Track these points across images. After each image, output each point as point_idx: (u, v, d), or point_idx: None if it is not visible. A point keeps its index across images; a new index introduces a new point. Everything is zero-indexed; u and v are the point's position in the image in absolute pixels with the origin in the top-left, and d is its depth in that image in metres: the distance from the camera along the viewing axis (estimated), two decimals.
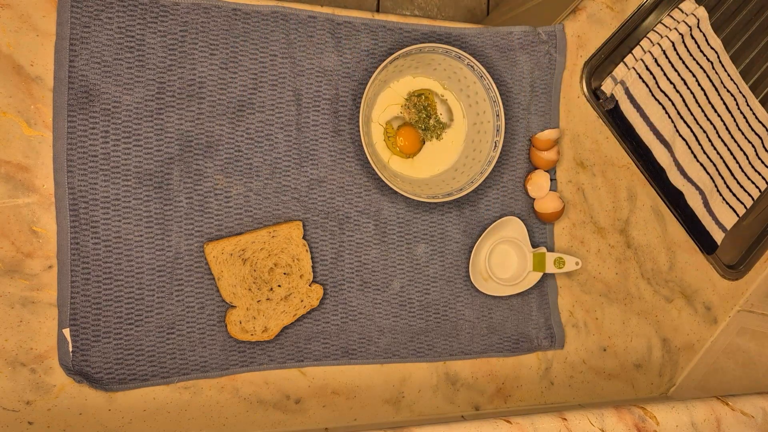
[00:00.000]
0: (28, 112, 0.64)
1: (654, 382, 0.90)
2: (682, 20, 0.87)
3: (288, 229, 0.71)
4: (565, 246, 0.84)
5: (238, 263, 0.69)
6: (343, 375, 0.75)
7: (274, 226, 0.71)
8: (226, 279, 0.68)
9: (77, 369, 0.65)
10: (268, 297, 0.70)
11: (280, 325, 0.71)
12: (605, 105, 0.86)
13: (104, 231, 0.66)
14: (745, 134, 0.93)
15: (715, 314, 0.93)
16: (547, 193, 0.80)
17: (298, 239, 0.71)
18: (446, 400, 0.78)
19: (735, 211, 0.94)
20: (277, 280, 0.70)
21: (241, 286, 0.69)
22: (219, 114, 0.70)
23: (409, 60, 0.74)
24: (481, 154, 0.76)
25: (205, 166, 0.70)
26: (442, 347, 0.78)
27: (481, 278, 0.79)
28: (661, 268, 0.90)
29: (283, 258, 0.70)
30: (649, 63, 0.85)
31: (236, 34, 0.70)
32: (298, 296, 0.71)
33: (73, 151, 0.65)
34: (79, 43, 0.65)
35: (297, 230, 0.71)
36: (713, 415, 0.64)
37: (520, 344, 0.81)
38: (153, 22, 0.67)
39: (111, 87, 0.66)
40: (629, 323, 0.88)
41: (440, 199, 0.73)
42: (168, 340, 0.68)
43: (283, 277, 0.71)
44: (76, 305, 0.65)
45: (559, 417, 0.60)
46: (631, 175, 0.88)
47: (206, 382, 0.70)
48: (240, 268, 0.69)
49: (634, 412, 0.62)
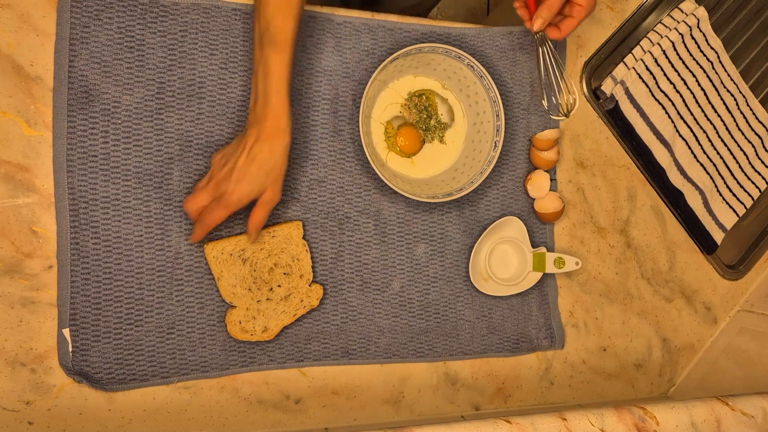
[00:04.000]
0: (28, 112, 0.64)
1: (654, 382, 0.90)
2: (682, 20, 0.87)
3: (288, 229, 0.71)
4: (565, 246, 0.84)
5: (238, 263, 0.69)
6: (343, 375, 0.75)
7: (273, 226, 0.71)
8: (225, 279, 0.68)
9: (77, 369, 0.65)
10: (268, 297, 0.70)
11: (280, 325, 0.71)
12: (605, 105, 0.86)
13: (104, 231, 0.66)
14: (745, 134, 0.93)
15: (715, 314, 0.93)
16: (547, 193, 0.80)
17: (298, 239, 0.71)
18: (446, 400, 0.78)
19: (735, 211, 0.94)
20: (277, 280, 0.70)
21: (241, 286, 0.69)
22: (219, 114, 0.70)
23: (409, 60, 0.74)
24: (481, 154, 0.76)
25: (205, 166, 0.70)
26: (442, 347, 0.78)
27: (481, 278, 0.79)
28: (661, 268, 0.90)
29: (283, 258, 0.70)
30: (649, 63, 0.85)
31: (236, 34, 0.70)
32: (298, 296, 0.71)
33: (73, 151, 0.65)
34: (79, 43, 0.65)
35: (297, 230, 0.71)
36: (713, 415, 0.64)
37: (520, 344, 0.81)
38: (153, 22, 0.67)
39: (111, 87, 0.66)
40: (629, 323, 0.88)
41: (440, 199, 0.73)
42: (168, 340, 0.68)
43: (283, 277, 0.71)
44: (76, 305, 0.65)
45: (559, 417, 0.60)
46: (631, 175, 0.88)
47: (206, 382, 0.70)
48: (240, 268, 0.69)
49: (634, 412, 0.62)
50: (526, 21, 0.70)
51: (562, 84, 0.74)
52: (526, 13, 0.70)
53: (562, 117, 0.74)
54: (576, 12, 0.68)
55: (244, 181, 0.61)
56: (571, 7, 0.69)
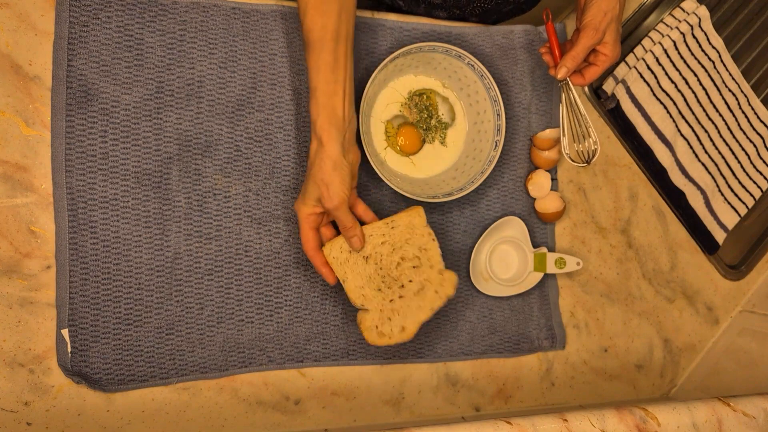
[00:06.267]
0: (27, 112, 0.64)
1: (655, 383, 0.90)
2: (683, 19, 0.86)
3: (408, 218, 0.66)
4: (566, 246, 0.84)
5: (360, 262, 0.64)
6: (342, 376, 0.74)
7: (392, 216, 0.66)
8: (351, 281, 0.64)
9: (76, 370, 0.64)
10: (401, 295, 0.65)
11: (417, 323, 0.65)
12: (606, 104, 0.86)
13: (103, 231, 0.66)
14: (746, 134, 0.93)
15: (717, 315, 0.93)
16: (548, 192, 0.80)
17: (421, 227, 0.66)
18: (446, 401, 0.78)
19: (737, 211, 0.93)
20: (407, 275, 0.65)
21: (369, 287, 0.64)
22: (218, 113, 0.70)
23: (409, 59, 0.73)
24: (482, 153, 0.76)
25: (204, 166, 0.69)
26: (443, 348, 0.78)
27: (481, 278, 0.79)
28: (662, 268, 0.89)
29: (408, 250, 0.65)
30: (650, 62, 0.85)
31: (235, 33, 0.70)
32: (431, 288, 0.66)
33: (72, 150, 0.65)
34: (78, 43, 0.65)
35: (419, 218, 0.66)
36: (715, 416, 0.64)
37: (520, 345, 0.81)
38: (152, 21, 0.67)
39: (109, 86, 0.66)
40: (630, 324, 0.87)
41: (440, 199, 0.72)
42: (167, 340, 0.68)
43: (413, 271, 0.66)
44: (74, 306, 0.64)
45: (560, 418, 0.60)
46: (633, 175, 0.87)
47: (205, 383, 0.69)
48: (364, 267, 0.64)
49: (636, 412, 0.62)
50: (551, 68, 0.70)
51: (584, 131, 0.74)
52: (551, 60, 0.70)
53: (584, 164, 0.74)
54: (600, 61, 0.69)
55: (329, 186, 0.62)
56: (596, 55, 0.69)
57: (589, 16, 0.66)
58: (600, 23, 0.66)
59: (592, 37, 0.66)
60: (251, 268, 0.71)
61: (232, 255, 0.70)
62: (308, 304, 0.73)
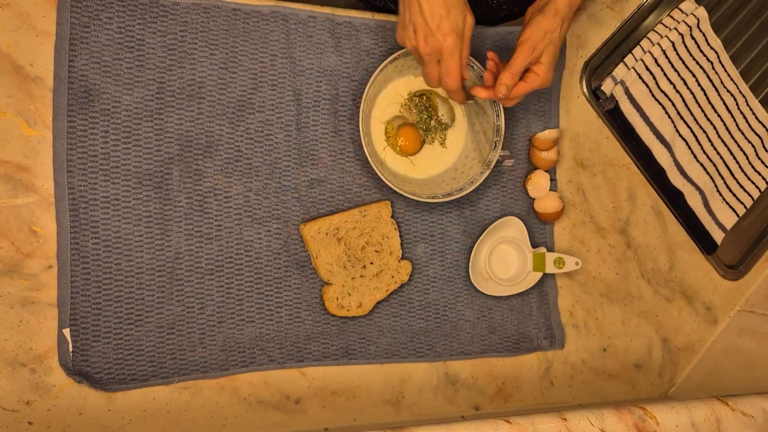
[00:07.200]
0: (28, 112, 0.64)
1: (654, 383, 0.90)
2: (682, 20, 0.87)
3: (378, 208, 0.74)
4: (565, 246, 0.84)
5: (333, 242, 0.72)
6: (342, 375, 0.75)
7: (364, 205, 0.74)
8: (323, 258, 0.72)
9: (77, 369, 0.65)
10: (362, 274, 0.73)
11: (373, 301, 0.74)
12: (605, 105, 0.86)
13: (104, 231, 0.66)
14: (745, 134, 0.93)
15: (716, 314, 0.93)
16: (547, 193, 0.80)
17: (387, 218, 0.74)
18: (446, 400, 0.78)
19: (735, 211, 0.94)
20: (370, 257, 0.74)
21: (337, 264, 0.72)
22: (219, 114, 0.70)
23: (409, 60, 0.73)
24: (481, 154, 0.76)
25: (205, 166, 0.70)
26: (442, 347, 0.78)
27: (481, 278, 0.79)
28: (661, 268, 0.89)
29: (373, 236, 0.74)
30: (649, 63, 0.85)
31: (236, 34, 0.70)
32: (389, 272, 0.74)
33: (73, 151, 0.65)
34: (79, 43, 0.65)
35: (386, 209, 0.74)
36: (713, 416, 0.64)
37: (520, 344, 0.81)
38: (153, 22, 0.67)
39: (111, 87, 0.66)
40: (629, 323, 0.88)
41: (440, 199, 0.73)
42: (168, 340, 0.68)
43: (375, 255, 0.74)
44: (76, 305, 0.65)
45: (559, 417, 0.60)
46: (631, 175, 0.88)
47: (206, 383, 0.70)
48: (335, 247, 0.72)
49: (634, 412, 0.62)
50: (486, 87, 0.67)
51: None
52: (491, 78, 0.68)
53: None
54: (531, 79, 0.66)
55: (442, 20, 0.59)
56: (527, 73, 0.67)
57: (528, 33, 0.64)
58: (538, 42, 0.64)
59: (528, 54, 0.64)
60: (252, 268, 0.71)
61: (232, 255, 0.70)
62: (308, 304, 0.73)
